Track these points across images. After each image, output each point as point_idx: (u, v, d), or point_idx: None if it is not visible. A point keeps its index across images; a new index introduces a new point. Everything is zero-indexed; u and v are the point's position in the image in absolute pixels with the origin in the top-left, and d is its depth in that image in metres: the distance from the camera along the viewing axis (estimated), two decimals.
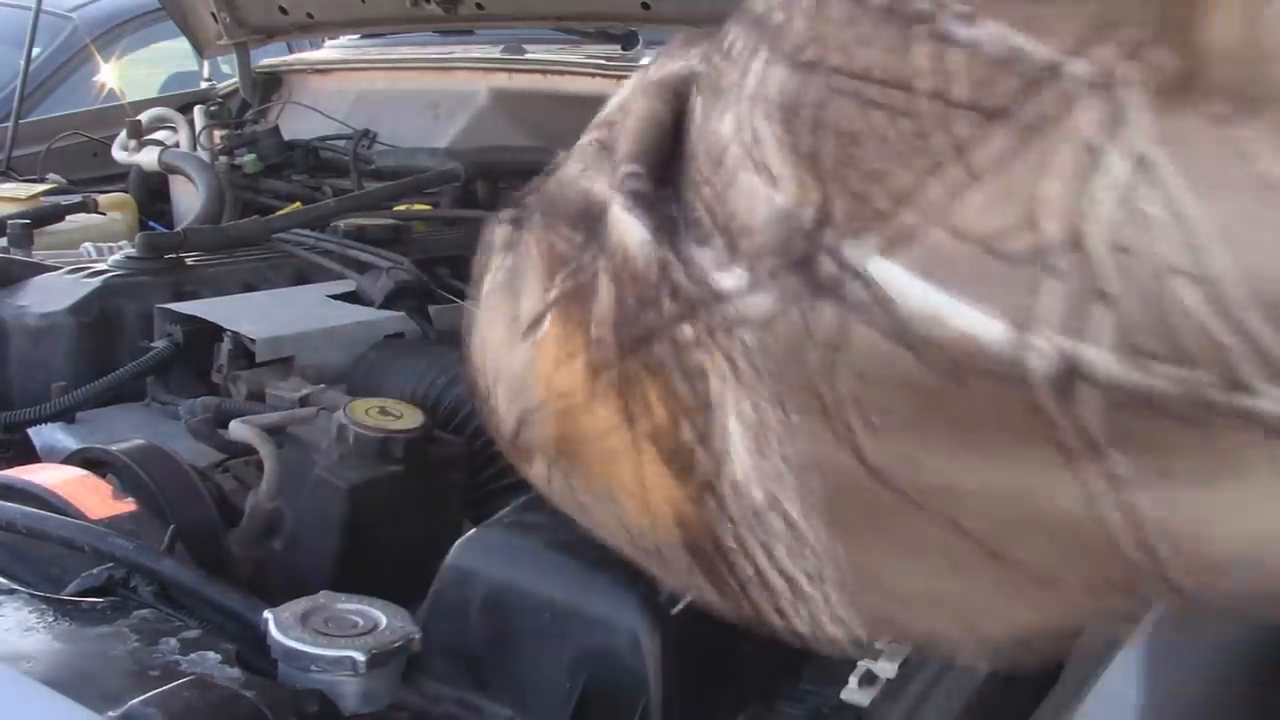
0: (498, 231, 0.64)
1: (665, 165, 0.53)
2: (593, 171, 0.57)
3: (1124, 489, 0.44)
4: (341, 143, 2.67)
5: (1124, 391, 0.42)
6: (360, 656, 0.78)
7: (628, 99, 0.58)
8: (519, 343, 0.59)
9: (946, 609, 0.53)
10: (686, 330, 0.49)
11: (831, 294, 0.44)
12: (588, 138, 0.59)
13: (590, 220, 0.55)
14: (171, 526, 1.06)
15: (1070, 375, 0.42)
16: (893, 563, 0.51)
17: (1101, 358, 0.42)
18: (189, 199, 2.50)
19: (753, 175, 0.47)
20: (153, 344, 1.62)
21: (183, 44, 3.06)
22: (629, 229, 0.51)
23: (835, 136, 0.45)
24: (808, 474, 0.49)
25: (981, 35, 0.42)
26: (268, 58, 3.14)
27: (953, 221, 0.42)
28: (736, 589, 0.57)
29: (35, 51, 3.35)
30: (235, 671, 0.82)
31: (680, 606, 0.93)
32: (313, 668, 0.78)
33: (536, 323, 0.57)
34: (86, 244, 2.11)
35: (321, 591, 0.85)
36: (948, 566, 0.50)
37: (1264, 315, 0.40)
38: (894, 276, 0.43)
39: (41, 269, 1.78)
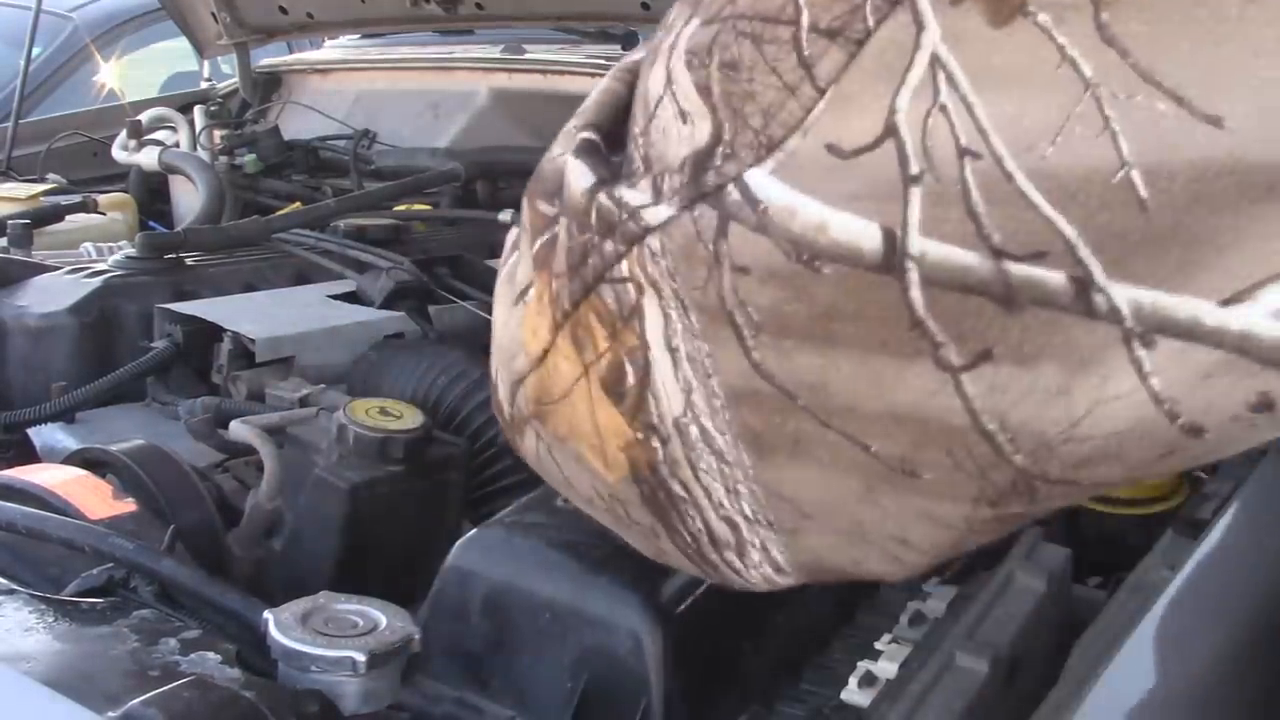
0: (511, 234, 0.70)
1: (619, 128, 0.60)
2: (562, 150, 0.63)
3: (956, 374, 0.50)
4: (341, 143, 2.67)
5: (939, 270, 0.48)
6: (360, 657, 0.78)
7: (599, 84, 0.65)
8: (514, 314, 0.64)
9: (869, 541, 0.58)
10: (623, 268, 0.56)
11: (713, 199, 0.52)
12: (569, 124, 0.65)
13: (559, 190, 0.60)
14: (171, 527, 1.06)
15: (893, 254, 0.49)
16: (815, 492, 0.56)
17: (917, 239, 0.48)
18: (189, 199, 2.50)
19: (670, 115, 0.55)
20: (153, 344, 1.62)
21: (183, 44, 3.06)
22: (576, 177, 0.58)
23: (722, 68, 0.53)
24: (722, 391, 0.55)
25: None
26: (268, 58, 3.14)
27: (805, 129, 0.50)
28: (691, 544, 0.62)
29: (35, 51, 3.35)
30: (235, 672, 0.82)
31: (683, 607, 0.93)
32: (313, 668, 0.78)
33: (525, 290, 0.63)
34: (86, 244, 2.11)
35: (321, 592, 0.85)
36: (862, 489, 0.55)
37: (1039, 187, 0.46)
38: (760, 180, 0.51)
39: (41, 269, 1.78)
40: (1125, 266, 0.46)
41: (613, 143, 0.60)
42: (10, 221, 2.05)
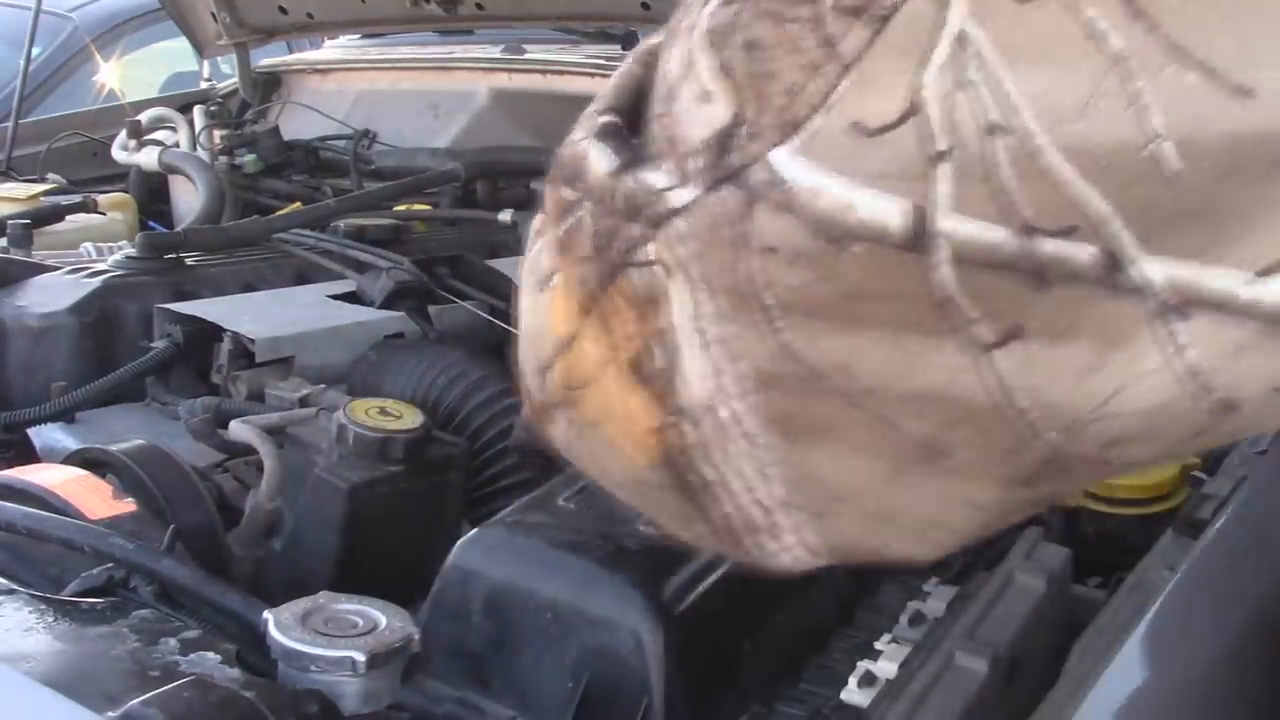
0: (534, 222, 0.70)
1: (639, 111, 0.59)
2: (583, 135, 0.62)
3: (987, 351, 0.49)
4: (341, 143, 2.67)
5: (968, 247, 0.48)
6: (360, 657, 0.78)
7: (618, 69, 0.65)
8: (539, 300, 0.63)
9: (900, 523, 0.58)
10: (649, 250, 0.55)
11: (737, 180, 0.51)
12: (589, 109, 0.64)
13: (580, 175, 0.60)
14: (171, 527, 1.06)
15: (921, 232, 0.48)
16: (845, 474, 0.56)
17: (945, 216, 0.48)
18: (189, 199, 2.50)
19: (692, 97, 0.54)
20: (153, 344, 1.62)
21: (183, 44, 3.06)
22: (597, 160, 0.58)
23: (744, 48, 0.52)
24: (751, 374, 0.54)
25: None
26: (268, 58, 3.14)
27: (829, 107, 0.49)
28: (724, 527, 0.61)
29: (35, 51, 3.35)
30: (235, 672, 0.82)
31: (684, 606, 0.93)
32: (312, 668, 0.78)
33: (550, 274, 0.62)
34: (86, 244, 2.11)
35: (321, 592, 0.85)
36: (892, 470, 0.55)
37: (1069, 162, 0.46)
38: (784, 160, 0.50)
39: (41, 269, 1.78)
40: (1156, 240, 0.46)
41: (634, 126, 0.60)
42: (10, 221, 2.05)
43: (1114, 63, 0.45)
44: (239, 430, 1.34)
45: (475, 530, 1.02)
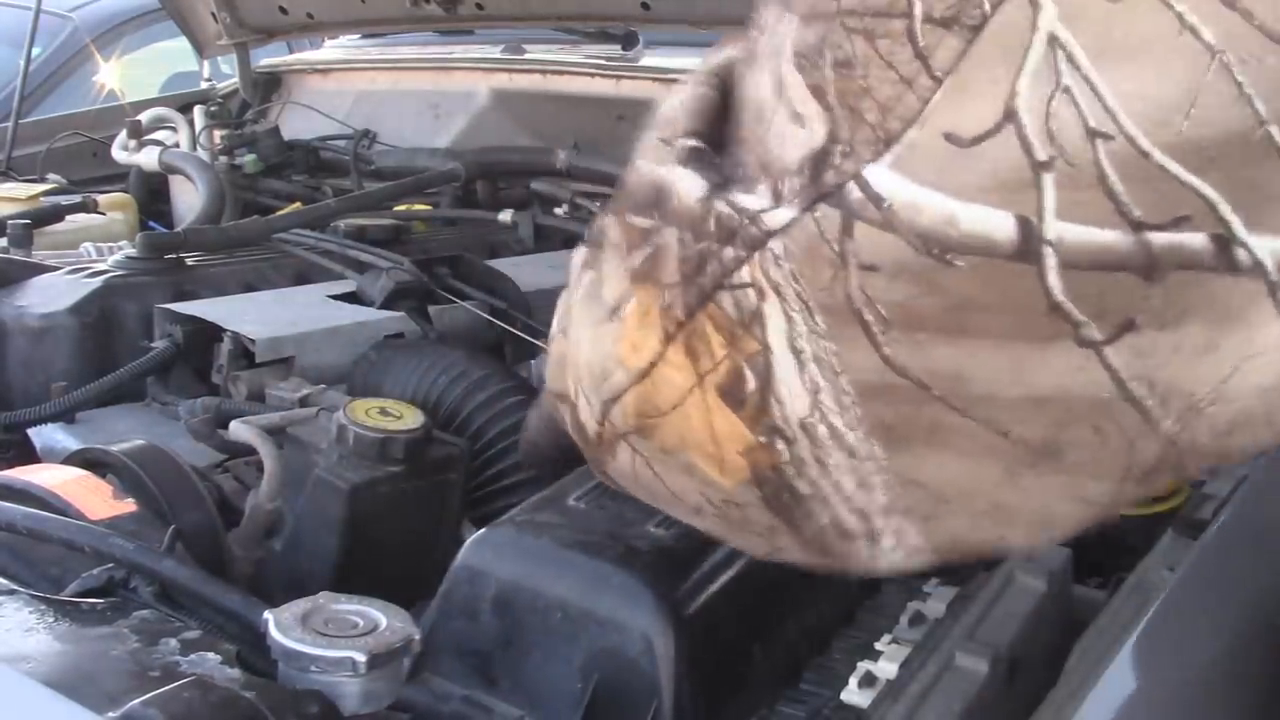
0: (577, 254, 0.69)
1: (717, 133, 0.60)
2: (658, 162, 0.62)
3: (1099, 348, 0.50)
4: (341, 143, 2.67)
5: (1078, 253, 0.48)
6: (360, 657, 0.78)
7: (680, 93, 0.64)
8: (604, 331, 0.63)
9: (1010, 522, 0.58)
10: (743, 274, 0.55)
11: (835, 198, 0.51)
12: (651, 136, 0.64)
13: (660, 202, 0.60)
14: (171, 527, 1.06)
15: (1029, 242, 0.48)
16: (953, 479, 0.56)
17: (1053, 224, 0.48)
18: (189, 199, 2.50)
19: (784, 119, 0.54)
20: (153, 344, 1.62)
21: (183, 44, 3.05)
22: (687, 185, 0.58)
23: (835, 67, 0.52)
24: (852, 389, 0.54)
25: None
26: (268, 58, 3.14)
27: (923, 121, 0.49)
28: (816, 538, 0.61)
29: (35, 51, 3.35)
30: (235, 672, 0.82)
31: (694, 608, 0.92)
32: (313, 668, 0.78)
33: (620, 304, 0.62)
34: (86, 244, 2.11)
35: (321, 592, 0.85)
36: (1002, 473, 0.55)
37: (1177, 159, 0.45)
38: (881, 176, 0.50)
39: (41, 269, 1.78)
40: (1266, 219, 0.46)
41: (715, 148, 0.60)
42: (10, 221, 2.05)
43: (1211, 56, 0.45)
44: (239, 430, 1.34)
45: (484, 529, 1.02)
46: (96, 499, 1.09)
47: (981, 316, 0.50)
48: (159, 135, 2.70)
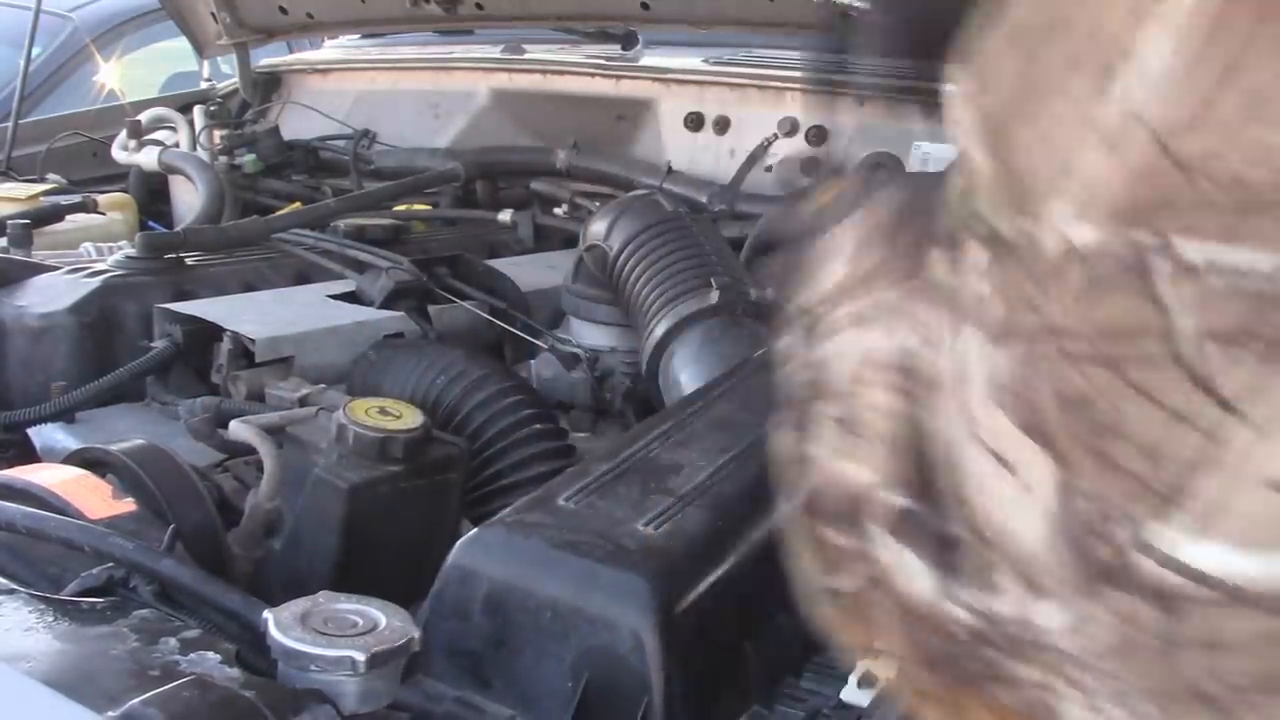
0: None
1: (920, 473, 0.49)
2: (842, 457, 0.53)
3: None
4: (341, 143, 2.68)
5: None
6: (360, 656, 0.78)
7: (854, 374, 0.53)
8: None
9: None
10: (1017, 671, 0.46)
11: (1122, 579, 0.41)
12: (824, 413, 0.55)
13: (854, 517, 0.52)
14: (171, 526, 1.06)
15: None
16: None
17: None
18: (189, 199, 2.50)
19: (997, 476, 0.44)
20: (153, 344, 1.62)
21: (183, 44, 3.05)
22: (910, 573, 0.49)
23: (1060, 402, 0.40)
24: None
25: (1204, 259, 0.37)
26: (268, 58, 3.14)
27: (1224, 464, 0.38)
28: None
29: (35, 51, 3.34)
30: (235, 671, 0.82)
31: (684, 606, 0.92)
32: (312, 668, 0.78)
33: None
34: (86, 244, 2.11)
35: (321, 591, 0.85)
36: None
37: None
38: (1180, 542, 0.40)
39: (41, 269, 1.78)
40: None
41: (915, 492, 0.50)
42: (10, 221, 2.05)
43: None
44: (239, 430, 1.34)
45: (475, 530, 1.02)
46: (96, 498, 1.09)
47: None
48: (159, 135, 2.70)
